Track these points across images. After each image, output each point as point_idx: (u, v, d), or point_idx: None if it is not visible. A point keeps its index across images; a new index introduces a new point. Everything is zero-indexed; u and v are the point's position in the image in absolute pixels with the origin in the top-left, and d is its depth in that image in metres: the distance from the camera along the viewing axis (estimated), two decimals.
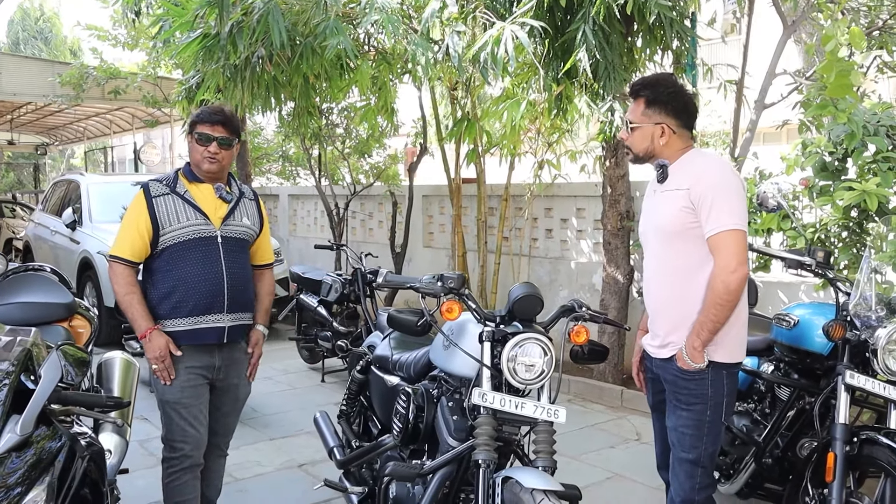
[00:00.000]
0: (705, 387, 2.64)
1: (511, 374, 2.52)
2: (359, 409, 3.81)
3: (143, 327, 2.97)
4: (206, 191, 3.11)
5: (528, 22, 4.35)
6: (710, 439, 2.67)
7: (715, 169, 2.66)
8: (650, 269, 2.82)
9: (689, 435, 2.67)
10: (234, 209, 3.14)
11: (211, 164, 3.06)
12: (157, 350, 2.96)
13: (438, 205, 8.58)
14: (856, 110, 3.99)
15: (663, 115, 2.71)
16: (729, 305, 2.56)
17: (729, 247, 2.55)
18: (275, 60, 5.39)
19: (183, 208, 3.03)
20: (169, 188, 3.06)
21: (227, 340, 3.10)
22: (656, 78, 2.84)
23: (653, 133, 2.72)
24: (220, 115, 3.07)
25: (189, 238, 3.01)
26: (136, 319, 2.98)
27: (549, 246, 7.28)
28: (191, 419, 3.03)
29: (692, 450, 2.67)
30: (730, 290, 2.54)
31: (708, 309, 2.58)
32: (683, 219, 2.62)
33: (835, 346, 3.08)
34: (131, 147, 18.45)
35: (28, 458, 1.76)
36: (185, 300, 3.00)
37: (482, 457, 2.47)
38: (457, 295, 2.64)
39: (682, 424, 2.69)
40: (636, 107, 2.76)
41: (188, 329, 3.02)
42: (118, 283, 3.02)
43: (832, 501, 2.72)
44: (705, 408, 2.65)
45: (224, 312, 3.07)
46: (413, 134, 9.34)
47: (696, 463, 2.67)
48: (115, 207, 9.07)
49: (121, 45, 11.18)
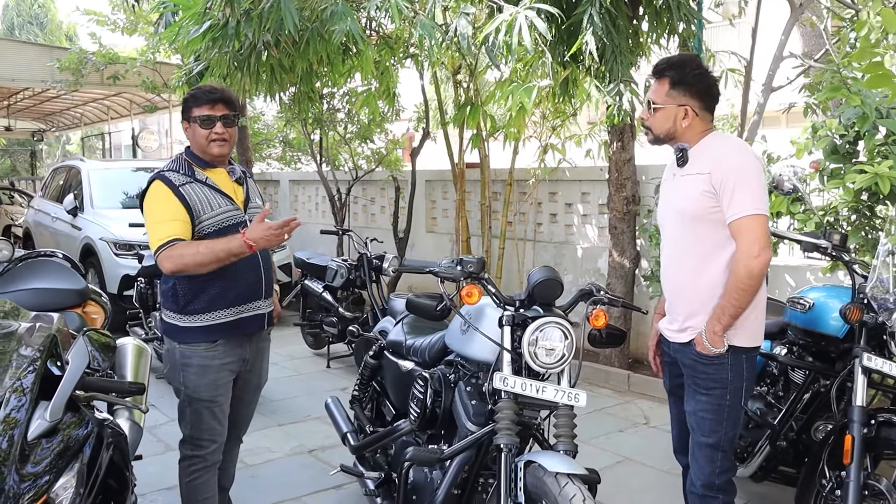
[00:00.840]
0: (725, 371, 2.64)
1: (532, 357, 2.52)
2: (371, 395, 3.81)
3: (236, 241, 2.70)
4: (222, 175, 2.98)
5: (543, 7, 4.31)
6: (730, 424, 2.67)
7: (736, 152, 2.63)
8: (669, 253, 2.81)
9: (708, 419, 2.67)
10: (248, 191, 3.04)
11: (221, 147, 2.89)
12: (263, 231, 2.70)
13: (441, 190, 8.56)
14: (867, 92, 3.97)
15: (688, 97, 2.67)
16: (751, 290, 2.55)
17: (752, 231, 2.53)
18: (282, 46, 5.35)
19: (212, 195, 2.88)
20: (188, 176, 2.87)
21: (266, 327, 3.04)
22: (682, 59, 2.80)
23: (676, 115, 2.68)
24: (218, 93, 2.88)
25: (223, 226, 2.85)
26: (227, 249, 2.70)
27: (554, 230, 7.27)
28: (220, 416, 2.94)
29: (712, 434, 2.67)
30: (752, 275, 2.53)
31: (730, 293, 2.57)
32: (704, 203, 2.61)
33: (850, 329, 3.09)
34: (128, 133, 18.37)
35: (56, 444, 1.75)
36: (226, 291, 2.86)
37: (504, 441, 2.47)
38: (476, 279, 2.63)
39: (701, 409, 2.69)
40: (660, 87, 2.71)
41: (231, 321, 2.89)
42: (190, 255, 2.69)
43: (850, 483, 2.72)
44: (725, 392, 2.64)
45: (262, 298, 3.00)
46: (415, 119, 9.30)
47: (716, 447, 2.67)
48: (116, 193, 9.08)
49: (120, 30, 11.09)
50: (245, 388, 3.13)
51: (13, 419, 1.70)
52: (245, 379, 3.09)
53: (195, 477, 2.99)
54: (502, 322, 2.60)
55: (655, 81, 2.73)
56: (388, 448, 3.36)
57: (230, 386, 2.99)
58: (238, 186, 3.01)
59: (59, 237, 8.94)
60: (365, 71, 6.24)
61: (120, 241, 7.63)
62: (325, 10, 5.11)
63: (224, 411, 2.97)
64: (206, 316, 2.87)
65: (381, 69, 6.95)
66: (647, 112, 2.76)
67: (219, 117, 2.87)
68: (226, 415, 2.98)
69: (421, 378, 2.97)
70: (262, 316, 3.01)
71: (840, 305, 3.17)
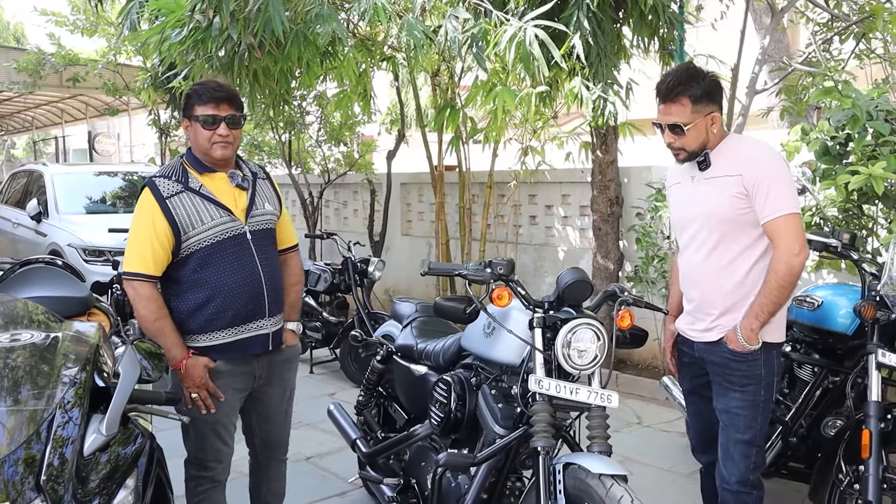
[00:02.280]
0: (758, 367, 2.68)
1: (566, 359, 2.51)
2: (376, 400, 3.76)
3: (178, 356, 2.60)
4: (221, 181, 2.72)
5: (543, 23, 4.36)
6: (764, 418, 2.72)
7: (766, 154, 2.67)
8: (697, 257, 2.79)
9: (743, 416, 2.69)
10: (253, 196, 2.78)
11: (224, 150, 2.67)
12: (196, 379, 2.61)
13: (417, 192, 8.52)
14: (858, 95, 4.06)
15: (710, 105, 2.68)
16: (791, 287, 2.61)
17: (790, 230, 2.58)
18: (266, 49, 5.26)
19: (203, 206, 2.65)
20: (181, 184, 2.65)
21: (271, 347, 2.80)
22: (689, 73, 2.71)
23: (706, 126, 2.68)
24: (224, 91, 2.66)
25: (217, 240, 2.65)
26: (168, 349, 2.56)
27: (534, 233, 7.29)
28: (226, 437, 2.77)
29: (747, 430, 2.70)
30: (793, 273, 2.58)
31: (771, 291, 2.60)
32: (735, 205, 2.64)
33: (859, 326, 3.14)
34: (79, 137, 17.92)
35: (110, 459, 1.68)
36: (223, 310, 2.65)
37: (541, 444, 2.45)
38: (506, 281, 2.61)
39: (735, 406, 2.71)
40: (680, 108, 2.65)
41: (229, 341, 2.69)
42: (145, 306, 2.60)
43: (869, 478, 2.76)
44: (759, 388, 2.69)
45: (266, 317, 2.75)
46: (388, 121, 9.26)
47: (751, 443, 2.70)
48: (80, 198, 8.85)
49: (79, 31, 10.79)
50: (269, 404, 2.91)
51: (67, 435, 1.62)
52: (265, 394, 2.87)
53: (203, 497, 2.83)
54: (533, 324, 2.58)
55: (671, 104, 2.67)
56: (402, 454, 3.32)
57: (237, 406, 2.81)
58: (240, 192, 2.75)
59: (22, 244, 8.66)
60: (346, 73, 6.18)
61: (89, 247, 7.43)
62: (309, 13, 5.05)
63: (230, 433, 2.80)
64: (202, 337, 2.68)
65: (359, 72, 6.91)
66: (672, 136, 2.70)
67: (223, 117, 2.64)
68: (232, 435, 2.81)
69: (442, 382, 2.93)
70: (267, 336, 2.77)
71: (847, 303, 3.24)
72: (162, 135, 11.59)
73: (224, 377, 2.70)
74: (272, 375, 2.87)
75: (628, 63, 5.85)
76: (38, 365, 1.76)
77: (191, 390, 2.63)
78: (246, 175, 2.81)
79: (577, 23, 4.87)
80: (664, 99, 2.70)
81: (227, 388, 2.72)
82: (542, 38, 4.34)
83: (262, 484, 3.08)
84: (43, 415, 1.61)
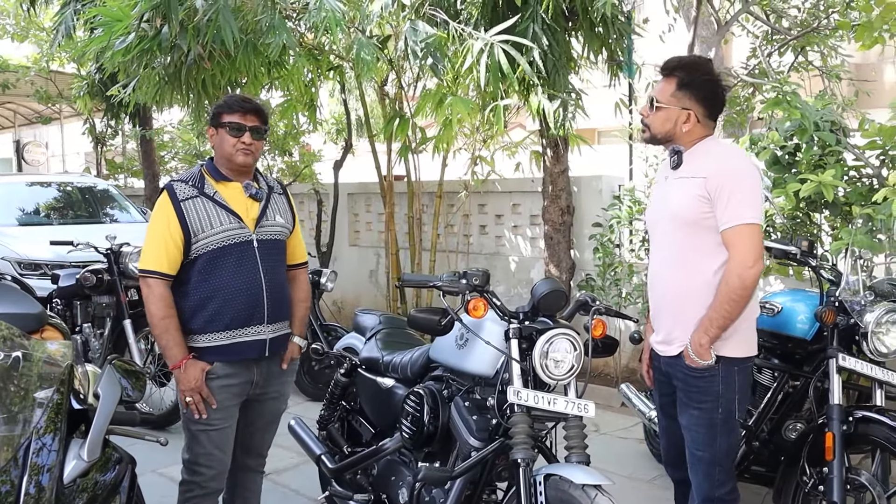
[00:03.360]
0: (716, 384, 2.60)
1: (543, 370, 2.50)
2: (339, 413, 3.69)
3: (178, 356, 2.73)
4: (236, 190, 2.87)
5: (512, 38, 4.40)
6: (724, 437, 2.63)
7: (733, 159, 2.62)
8: (657, 259, 2.78)
9: (702, 434, 2.64)
10: (265, 208, 2.91)
11: (245, 157, 2.82)
12: (192, 381, 2.71)
13: (364, 202, 8.45)
14: (805, 105, 4.19)
15: (693, 101, 2.61)
16: (743, 301, 2.52)
17: (746, 241, 2.50)
18: (216, 59, 5.15)
19: (215, 212, 2.79)
20: (196, 189, 2.81)
21: (268, 354, 2.88)
22: (694, 61, 2.72)
23: (678, 117, 2.61)
24: (251, 104, 2.85)
25: (224, 244, 2.77)
26: (170, 347, 2.73)
27: (484, 242, 7.30)
28: (219, 442, 2.80)
29: (707, 448, 2.64)
30: (745, 286, 2.50)
31: (721, 304, 2.52)
32: (697, 207, 2.56)
33: (818, 331, 3.23)
34: (7, 146, 17.23)
35: (90, 485, 1.59)
36: (221, 312, 2.76)
37: (521, 455, 2.43)
38: (482, 292, 2.59)
39: (694, 423, 2.66)
40: (666, 86, 2.63)
41: (225, 344, 2.78)
42: (156, 304, 2.73)
43: (834, 479, 2.82)
44: (717, 405, 2.60)
45: (265, 323, 2.84)
46: (333, 131, 9.16)
47: (711, 462, 2.65)
48: (12, 210, 8.48)
49: (9, 37, 10.39)
50: (258, 413, 2.98)
51: (44, 462, 1.53)
52: (258, 402, 2.95)
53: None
54: (509, 335, 2.57)
55: (663, 79, 2.66)
56: (370, 468, 3.26)
57: (234, 412, 2.84)
58: (253, 202, 2.88)
59: None
60: (294, 84, 6.11)
61: (25, 261, 7.12)
62: (259, 23, 4.97)
63: (225, 439, 2.81)
64: (201, 337, 2.78)
65: (305, 81, 6.84)
66: (647, 109, 2.68)
67: (248, 127, 2.81)
68: (228, 443, 2.83)
69: (414, 395, 2.89)
70: (263, 342, 2.86)
71: (806, 309, 3.32)
72: (97, 144, 11.23)
73: (222, 380, 2.78)
74: (269, 384, 2.95)
75: (577, 73, 5.94)
76: (7, 386, 1.65)
77: (185, 393, 2.72)
78: (261, 188, 2.93)
79: (533, 35, 4.93)
80: (661, 72, 2.69)
81: (224, 392, 2.78)
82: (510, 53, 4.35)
83: (236, 497, 3.06)
84: (19, 440, 1.51)
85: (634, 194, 5.51)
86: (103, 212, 8.95)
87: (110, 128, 10.86)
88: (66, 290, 5.70)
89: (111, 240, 5.51)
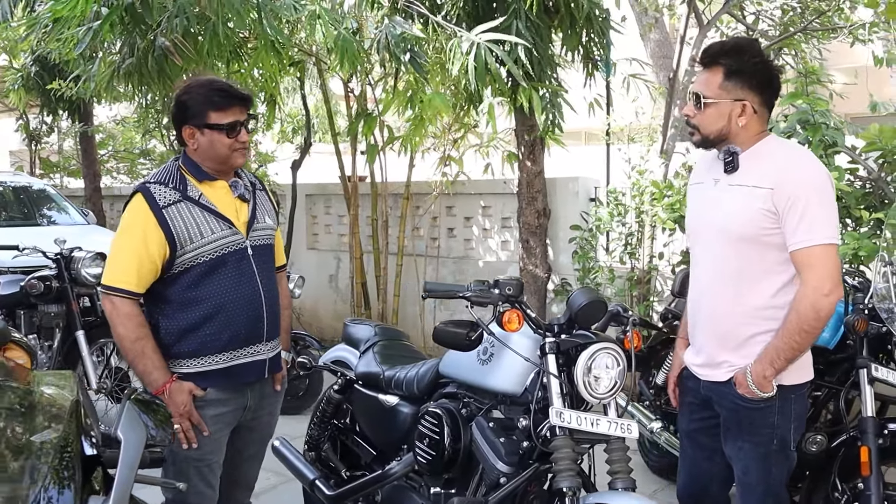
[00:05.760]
0: (772, 415, 2.34)
1: (587, 388, 2.28)
2: (330, 434, 3.40)
3: (160, 381, 2.36)
4: (222, 190, 2.48)
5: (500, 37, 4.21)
6: (779, 467, 2.41)
7: (806, 166, 2.29)
8: (702, 274, 2.48)
9: (754, 465, 2.40)
10: (254, 209, 2.55)
11: (244, 156, 2.49)
12: (179, 406, 2.35)
13: (324, 204, 8.12)
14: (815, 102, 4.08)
15: (746, 90, 2.28)
16: (815, 332, 2.25)
17: (824, 265, 2.20)
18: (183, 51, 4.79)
19: (204, 218, 2.40)
20: (178, 192, 2.40)
21: (267, 375, 2.55)
22: (739, 44, 2.41)
23: (731, 111, 2.29)
24: (239, 93, 2.46)
25: (217, 255, 2.40)
26: (149, 372, 2.36)
27: (452, 245, 7.07)
28: (211, 478, 2.46)
29: (760, 482, 2.41)
30: (820, 317, 2.22)
31: (790, 334, 2.24)
32: (760, 223, 2.26)
33: (841, 340, 3.10)
34: None
35: None
36: (219, 333, 2.41)
37: (566, 484, 2.21)
38: (516, 303, 2.36)
39: (745, 456, 2.41)
40: (711, 77, 2.31)
41: (222, 368, 2.43)
42: (123, 324, 2.35)
43: (871, 496, 2.68)
44: (771, 437, 2.36)
45: (264, 341, 2.52)
46: (289, 130, 8.82)
47: (766, 493, 2.43)
48: None
49: None
50: (248, 440, 2.63)
51: None
52: (248, 429, 2.60)
53: None
54: (546, 349, 2.34)
55: (705, 71, 2.34)
56: (373, 495, 2.98)
57: (224, 441, 2.49)
58: (241, 203, 2.51)
59: None
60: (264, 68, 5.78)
61: None
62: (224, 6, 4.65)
63: (216, 472, 2.47)
64: (194, 362, 2.42)
65: (265, 76, 6.53)
66: (692, 108, 2.36)
67: (243, 122, 2.44)
68: (217, 476, 2.48)
69: (431, 415, 2.63)
70: (263, 363, 2.53)
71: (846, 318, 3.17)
72: (31, 141, 10.58)
73: (214, 407, 2.42)
74: (261, 409, 2.61)
75: (555, 72, 5.77)
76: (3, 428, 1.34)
77: (175, 420, 2.35)
78: (246, 185, 2.55)
79: (517, 31, 4.76)
80: (702, 62, 2.36)
81: (217, 421, 2.43)
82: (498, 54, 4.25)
83: None
84: (27, 498, 1.20)
85: (618, 196, 5.35)
86: (40, 213, 8.38)
87: (45, 124, 10.23)
88: (7, 298, 5.24)
89: (60, 244, 5.08)
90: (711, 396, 2.47)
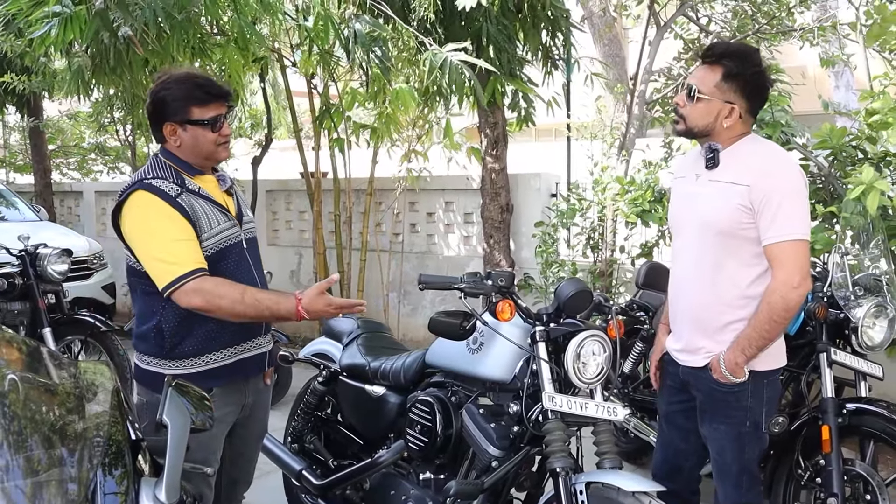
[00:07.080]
0: (745, 398, 2.48)
1: (576, 373, 2.40)
2: (314, 425, 3.47)
3: (291, 304, 2.26)
4: (212, 184, 2.45)
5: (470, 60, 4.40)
6: (753, 447, 2.55)
7: (782, 165, 2.41)
8: (683, 264, 2.62)
9: (728, 445, 2.55)
10: (239, 202, 2.54)
11: (228, 149, 2.48)
12: (325, 309, 2.29)
13: (284, 200, 8.13)
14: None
15: (738, 95, 2.39)
16: (784, 323, 2.37)
17: (793, 259, 2.32)
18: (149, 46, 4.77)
19: (210, 210, 2.38)
20: (177, 185, 2.34)
21: (266, 366, 2.57)
22: (743, 48, 2.49)
23: (720, 111, 2.40)
24: (218, 87, 2.42)
25: (221, 247, 2.38)
26: (276, 310, 2.28)
27: (415, 241, 7.16)
28: (211, 481, 2.42)
29: (734, 462, 2.55)
30: (789, 308, 2.34)
31: (761, 324, 2.37)
32: (736, 218, 2.38)
33: (801, 326, 3.28)
34: None
35: None
36: (222, 328, 2.36)
37: (560, 464, 2.33)
38: (508, 294, 2.47)
39: (720, 437, 2.55)
40: (710, 74, 2.40)
41: (228, 363, 2.41)
42: (221, 296, 2.23)
43: (832, 471, 2.86)
44: (744, 419, 2.49)
45: (262, 334, 2.52)
46: (247, 126, 8.78)
47: (740, 471, 2.57)
48: None
49: None
50: (245, 437, 2.60)
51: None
52: (245, 427, 2.57)
53: None
54: (536, 338, 2.46)
55: (705, 67, 2.44)
56: (361, 483, 3.06)
57: (223, 440, 2.47)
58: (228, 197, 2.50)
59: None
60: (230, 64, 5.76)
61: None
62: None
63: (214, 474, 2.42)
64: (199, 360, 2.37)
65: (229, 72, 6.51)
66: (684, 98, 2.44)
67: (224, 116, 2.42)
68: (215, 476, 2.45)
69: (422, 403, 2.73)
70: (263, 355, 2.55)
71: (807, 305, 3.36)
72: None
73: (218, 408, 2.30)
74: (257, 404, 2.60)
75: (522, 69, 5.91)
76: (55, 415, 1.39)
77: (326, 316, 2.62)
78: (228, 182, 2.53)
79: (487, 33, 4.88)
80: (702, 58, 2.47)
81: (219, 422, 2.34)
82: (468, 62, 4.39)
83: None
84: (87, 483, 1.26)
85: (580, 191, 5.50)
86: None
87: None
88: None
89: (24, 240, 5.02)
90: (689, 380, 2.62)
